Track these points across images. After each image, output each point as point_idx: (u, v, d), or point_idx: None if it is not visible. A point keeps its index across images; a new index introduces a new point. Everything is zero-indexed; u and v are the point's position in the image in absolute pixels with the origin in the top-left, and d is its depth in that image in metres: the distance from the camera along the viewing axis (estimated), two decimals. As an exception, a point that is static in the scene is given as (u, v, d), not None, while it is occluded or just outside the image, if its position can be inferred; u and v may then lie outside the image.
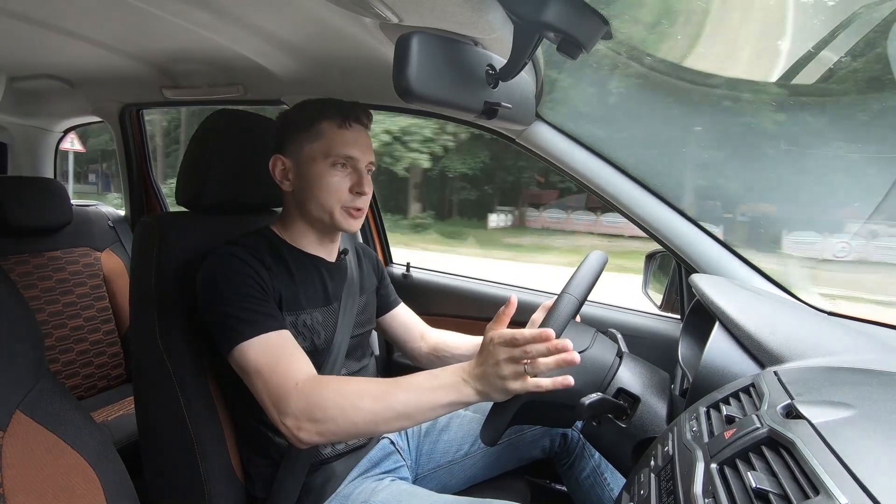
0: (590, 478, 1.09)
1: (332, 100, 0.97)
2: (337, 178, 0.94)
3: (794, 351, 0.70)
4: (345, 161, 0.94)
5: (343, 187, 0.95)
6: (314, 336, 0.95)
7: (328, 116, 0.94)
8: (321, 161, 0.93)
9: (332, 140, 0.93)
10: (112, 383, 1.71)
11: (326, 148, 0.93)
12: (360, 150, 0.95)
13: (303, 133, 0.94)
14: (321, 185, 0.94)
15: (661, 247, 1.18)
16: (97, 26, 1.18)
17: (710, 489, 0.46)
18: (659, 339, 1.33)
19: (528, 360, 0.73)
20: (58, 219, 1.61)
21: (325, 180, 0.93)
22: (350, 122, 0.95)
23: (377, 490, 0.93)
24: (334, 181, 0.94)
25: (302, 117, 0.95)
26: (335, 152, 0.93)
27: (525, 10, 0.66)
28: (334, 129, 0.94)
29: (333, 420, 0.76)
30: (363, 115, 0.97)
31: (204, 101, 1.64)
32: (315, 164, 0.94)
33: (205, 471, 0.91)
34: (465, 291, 1.67)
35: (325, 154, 0.93)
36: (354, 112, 0.95)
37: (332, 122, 0.94)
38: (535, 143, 1.20)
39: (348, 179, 0.95)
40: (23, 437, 0.64)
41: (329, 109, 0.94)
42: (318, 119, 0.94)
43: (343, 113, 0.94)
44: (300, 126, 0.95)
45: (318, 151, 0.93)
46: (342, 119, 0.94)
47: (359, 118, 0.96)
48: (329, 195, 0.94)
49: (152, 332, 0.91)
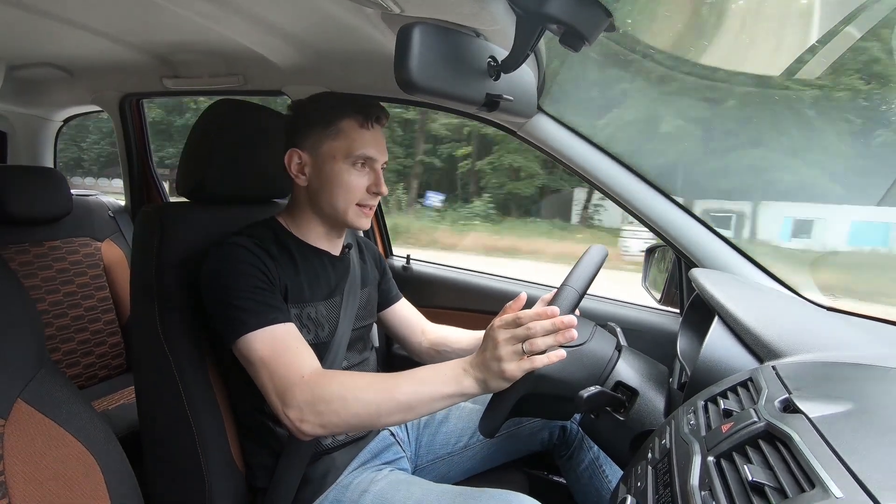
0: (588, 470, 1.10)
1: (352, 96, 0.96)
2: (356, 177, 0.94)
3: (793, 346, 0.70)
4: (364, 161, 0.94)
5: (361, 187, 0.95)
6: (318, 329, 0.95)
7: (349, 115, 0.93)
8: (341, 160, 0.93)
9: (354, 140, 0.93)
10: (112, 373, 1.72)
11: (347, 147, 0.93)
12: (378, 151, 0.96)
13: (322, 129, 0.94)
14: (340, 184, 0.94)
15: (662, 241, 1.18)
16: (97, 15, 1.17)
17: (706, 482, 0.46)
18: (658, 332, 1.33)
19: (529, 341, 0.73)
20: (58, 208, 1.61)
21: (345, 179, 0.93)
22: (371, 122, 0.95)
23: (376, 480, 0.93)
24: (353, 180, 0.94)
25: (321, 113, 0.95)
26: (356, 152, 0.93)
27: (527, 1, 0.66)
28: (356, 128, 0.93)
29: (336, 412, 0.77)
30: (383, 116, 0.97)
31: (204, 91, 1.63)
32: (335, 163, 0.93)
33: (205, 460, 0.91)
34: (464, 284, 1.67)
35: (346, 154, 0.93)
36: (375, 112, 0.95)
37: (354, 122, 0.93)
38: (537, 135, 1.20)
39: (366, 179, 0.96)
40: (24, 426, 0.64)
41: (350, 108, 0.94)
42: (338, 117, 0.93)
43: (364, 113, 0.94)
44: (319, 122, 0.94)
45: (339, 150, 0.93)
46: (364, 119, 0.94)
47: (379, 118, 0.96)
48: (347, 194, 0.94)
49: (152, 321, 0.91)
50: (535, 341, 0.72)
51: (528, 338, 0.73)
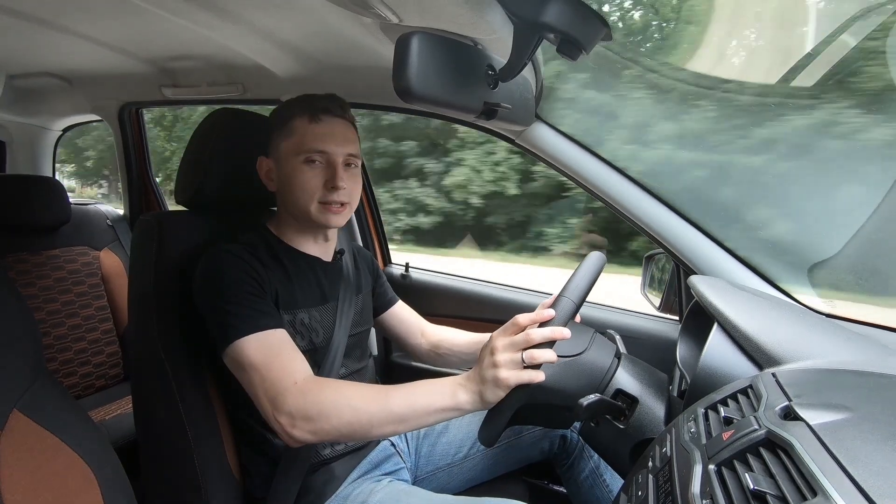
0: (589, 479, 1.09)
1: (305, 95, 0.95)
2: (309, 174, 0.92)
3: (792, 353, 0.70)
4: (317, 156, 0.92)
5: (316, 183, 0.92)
6: (312, 335, 0.95)
7: (298, 112, 0.93)
8: (293, 158, 0.92)
9: (303, 135, 0.92)
10: (110, 382, 1.71)
11: (298, 144, 0.92)
12: (334, 143, 0.93)
13: (279, 132, 0.94)
14: (295, 183, 0.93)
15: (660, 248, 1.18)
16: (97, 24, 1.18)
17: (707, 490, 0.46)
18: (657, 340, 1.33)
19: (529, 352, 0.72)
20: (56, 217, 1.61)
21: (299, 178, 0.92)
22: (319, 115, 0.92)
23: (376, 491, 0.93)
24: (307, 178, 0.92)
25: (278, 116, 0.95)
26: (306, 147, 0.91)
27: (525, 10, 0.66)
28: (305, 124, 0.92)
29: (328, 420, 0.76)
30: (334, 106, 0.94)
31: (203, 100, 1.64)
32: (289, 162, 0.93)
33: (202, 470, 0.91)
34: (463, 292, 1.67)
35: (297, 150, 0.92)
36: (323, 104, 0.93)
37: (303, 118, 0.92)
38: (535, 143, 1.20)
39: (322, 174, 0.93)
40: (20, 437, 0.64)
41: (299, 105, 0.93)
42: (290, 116, 0.93)
43: (312, 107, 0.93)
44: (277, 125, 0.95)
45: (291, 148, 0.92)
46: (311, 113, 0.92)
47: (328, 109, 0.93)
48: (303, 192, 0.92)
49: (151, 331, 0.91)
50: (534, 353, 0.72)
51: (527, 344, 0.72)
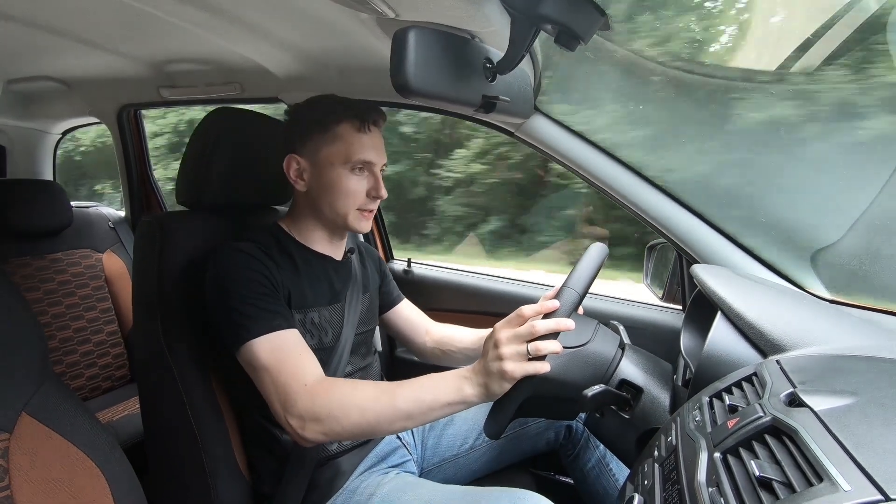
0: (595, 469, 1.09)
1: (347, 100, 0.95)
2: (355, 182, 0.94)
3: (796, 339, 0.70)
4: (363, 165, 0.94)
5: (361, 191, 0.94)
6: (322, 334, 0.95)
7: (346, 119, 0.92)
8: (339, 166, 0.92)
9: (351, 145, 0.92)
10: (116, 384, 1.72)
11: (346, 153, 0.92)
12: (377, 154, 0.95)
13: (319, 134, 0.93)
14: (339, 190, 0.93)
15: (662, 238, 1.18)
16: (93, 27, 1.17)
17: (713, 478, 0.46)
18: (661, 330, 1.33)
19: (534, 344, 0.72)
20: (58, 221, 1.61)
21: (344, 185, 0.93)
22: (368, 125, 0.94)
23: (383, 483, 0.93)
24: (353, 186, 0.93)
25: (318, 118, 0.93)
26: (355, 158, 0.92)
27: (521, 2, 0.66)
28: (353, 132, 0.92)
29: (338, 421, 0.77)
30: (380, 118, 0.96)
31: (202, 100, 1.63)
32: (333, 169, 0.93)
33: (210, 468, 0.91)
34: (466, 286, 1.67)
35: (345, 159, 0.92)
36: (372, 115, 0.94)
37: (351, 126, 0.92)
38: (534, 136, 1.20)
39: (366, 183, 0.95)
40: (29, 439, 0.64)
41: (346, 112, 0.93)
42: (335, 121, 0.92)
43: (361, 116, 0.93)
44: (316, 127, 0.93)
45: (337, 155, 0.92)
46: (361, 123, 0.93)
47: (376, 121, 0.95)
48: (347, 199, 0.94)
49: (155, 331, 0.91)
50: (539, 345, 0.72)
51: (532, 335, 0.72)
